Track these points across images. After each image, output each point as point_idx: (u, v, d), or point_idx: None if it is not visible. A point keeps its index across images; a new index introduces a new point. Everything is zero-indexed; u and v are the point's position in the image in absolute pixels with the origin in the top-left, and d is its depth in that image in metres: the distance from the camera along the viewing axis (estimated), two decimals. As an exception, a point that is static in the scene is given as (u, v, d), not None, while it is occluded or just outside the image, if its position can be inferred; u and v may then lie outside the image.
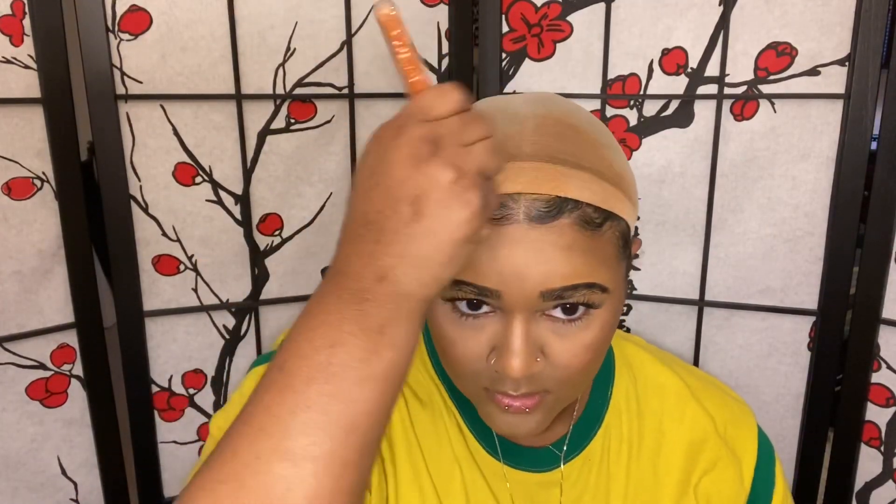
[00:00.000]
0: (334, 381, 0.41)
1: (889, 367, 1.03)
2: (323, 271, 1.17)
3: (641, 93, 1.07)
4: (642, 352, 0.72)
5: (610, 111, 1.09)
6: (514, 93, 1.13)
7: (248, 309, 1.14)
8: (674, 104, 1.06)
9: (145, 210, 1.05)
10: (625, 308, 1.16)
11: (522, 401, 0.53)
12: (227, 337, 1.14)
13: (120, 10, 0.97)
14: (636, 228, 1.12)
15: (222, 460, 0.42)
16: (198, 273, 1.10)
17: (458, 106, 0.42)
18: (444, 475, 0.64)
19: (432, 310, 0.54)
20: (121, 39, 0.98)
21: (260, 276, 1.13)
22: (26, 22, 0.94)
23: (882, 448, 1.05)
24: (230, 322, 1.14)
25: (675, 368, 0.71)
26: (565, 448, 0.66)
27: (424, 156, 0.40)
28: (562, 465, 0.65)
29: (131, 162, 1.03)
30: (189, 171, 1.06)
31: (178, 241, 1.07)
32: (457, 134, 0.41)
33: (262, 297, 1.14)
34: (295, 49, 1.06)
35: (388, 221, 0.40)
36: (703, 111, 1.05)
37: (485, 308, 0.51)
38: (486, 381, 0.53)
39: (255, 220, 1.11)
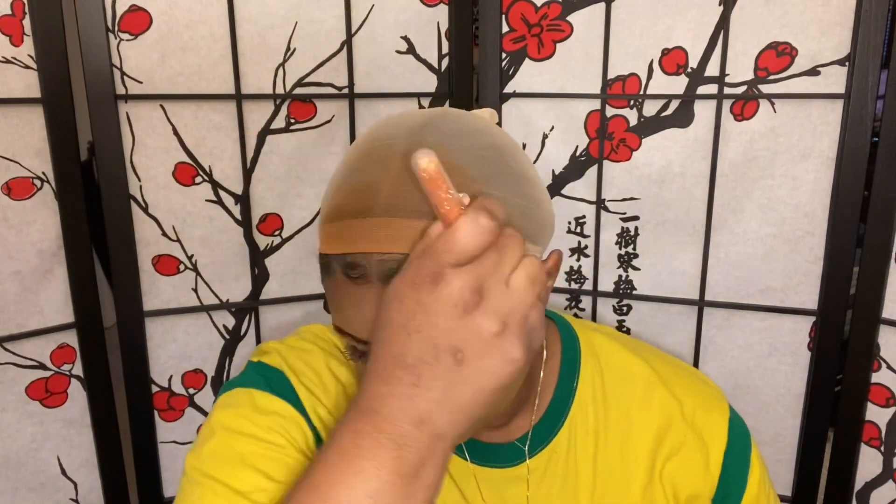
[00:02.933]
0: None
1: (889, 367, 1.03)
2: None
3: (641, 93, 1.07)
4: (610, 341, 0.71)
5: (610, 111, 1.09)
6: (515, 93, 1.13)
7: (248, 309, 1.14)
8: (674, 104, 1.06)
9: (145, 210, 1.05)
10: (624, 308, 1.16)
11: None
12: (227, 337, 1.14)
13: (120, 10, 0.97)
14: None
15: None
16: (198, 273, 1.10)
17: (492, 238, 0.40)
18: None
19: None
20: (121, 39, 0.98)
21: (260, 276, 1.13)
22: (26, 22, 0.94)
23: (882, 448, 1.05)
24: (230, 322, 1.14)
25: (644, 356, 0.71)
26: (529, 442, 0.66)
27: (469, 306, 0.39)
28: (527, 459, 0.66)
29: (131, 162, 1.03)
30: (189, 171, 1.06)
31: (178, 241, 1.07)
32: (496, 272, 0.40)
33: (262, 297, 1.14)
34: (295, 49, 1.06)
35: (429, 369, 0.40)
36: (703, 111, 1.05)
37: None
38: None
39: (255, 220, 1.11)
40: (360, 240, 0.48)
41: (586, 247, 1.15)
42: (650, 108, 1.07)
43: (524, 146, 1.14)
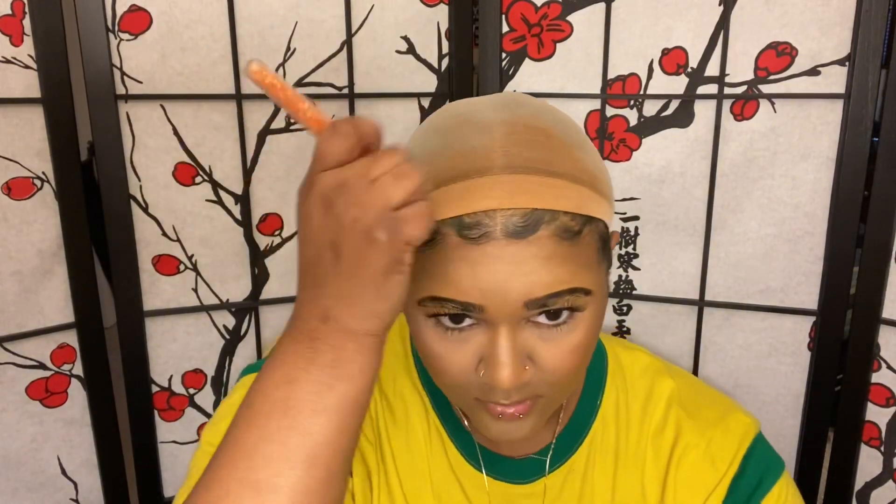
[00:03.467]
0: (291, 414, 0.44)
1: (889, 367, 1.03)
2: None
3: (641, 93, 1.07)
4: (637, 360, 0.69)
5: (610, 111, 1.09)
6: (515, 93, 1.13)
7: (248, 309, 1.14)
8: (674, 104, 1.06)
9: (145, 210, 1.05)
10: (625, 308, 1.16)
11: (516, 407, 0.53)
12: (227, 337, 1.14)
13: (120, 10, 0.97)
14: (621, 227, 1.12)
15: (198, 493, 0.45)
16: (198, 273, 1.10)
17: (353, 142, 0.42)
18: (417, 491, 0.65)
19: (415, 326, 0.54)
20: (121, 39, 0.98)
21: (260, 276, 1.13)
22: (26, 22, 0.94)
23: (882, 448, 1.05)
24: (230, 322, 1.14)
25: (674, 377, 0.68)
26: (550, 457, 0.65)
27: (331, 201, 0.42)
28: (546, 475, 0.65)
29: (131, 162, 1.03)
30: (189, 171, 1.06)
31: (178, 241, 1.07)
32: (362, 172, 0.41)
33: (262, 297, 1.14)
34: (295, 49, 1.06)
35: (318, 267, 0.44)
36: (703, 111, 1.05)
37: (468, 321, 0.51)
38: (476, 392, 0.53)
39: (255, 220, 1.11)
40: (484, 197, 0.48)
41: (586, 247, 1.15)
42: (650, 108, 1.07)
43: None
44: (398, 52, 1.11)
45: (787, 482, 0.64)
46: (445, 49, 1.13)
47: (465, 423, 0.64)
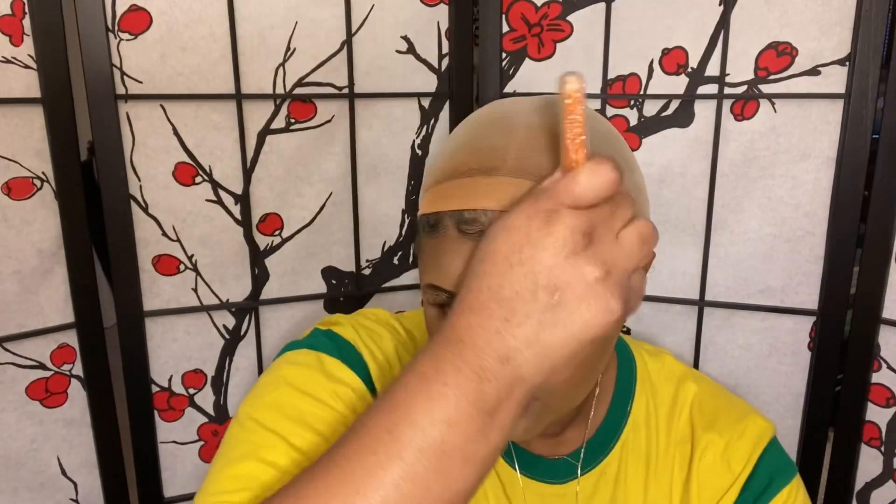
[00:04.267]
0: (443, 459, 0.40)
1: (889, 367, 1.03)
2: (323, 272, 1.17)
3: (641, 92, 1.07)
4: (664, 368, 0.70)
5: (610, 111, 1.09)
6: (515, 93, 1.13)
7: (248, 309, 1.14)
8: (674, 104, 1.06)
9: (145, 210, 1.05)
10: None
11: None
12: (227, 337, 1.14)
13: (120, 10, 0.97)
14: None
15: None
16: (198, 273, 1.10)
17: (612, 190, 0.40)
18: None
19: (425, 311, 0.54)
20: (121, 39, 0.98)
21: (260, 276, 1.13)
22: (26, 22, 0.94)
23: (882, 448, 1.05)
24: (230, 322, 1.14)
25: (697, 381, 0.69)
26: (581, 459, 0.65)
27: (577, 248, 0.39)
28: (578, 477, 0.65)
29: (131, 162, 1.03)
30: (189, 171, 1.06)
31: (178, 241, 1.07)
32: (608, 222, 0.40)
33: (262, 296, 1.14)
34: (295, 49, 1.06)
35: (524, 304, 0.39)
36: (704, 111, 1.05)
37: None
38: None
39: (255, 219, 1.11)
40: (485, 196, 0.48)
41: (586, 247, 1.15)
42: (650, 108, 1.07)
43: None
44: (398, 52, 1.11)
45: (797, 486, 0.65)
46: (445, 49, 1.13)
47: None
